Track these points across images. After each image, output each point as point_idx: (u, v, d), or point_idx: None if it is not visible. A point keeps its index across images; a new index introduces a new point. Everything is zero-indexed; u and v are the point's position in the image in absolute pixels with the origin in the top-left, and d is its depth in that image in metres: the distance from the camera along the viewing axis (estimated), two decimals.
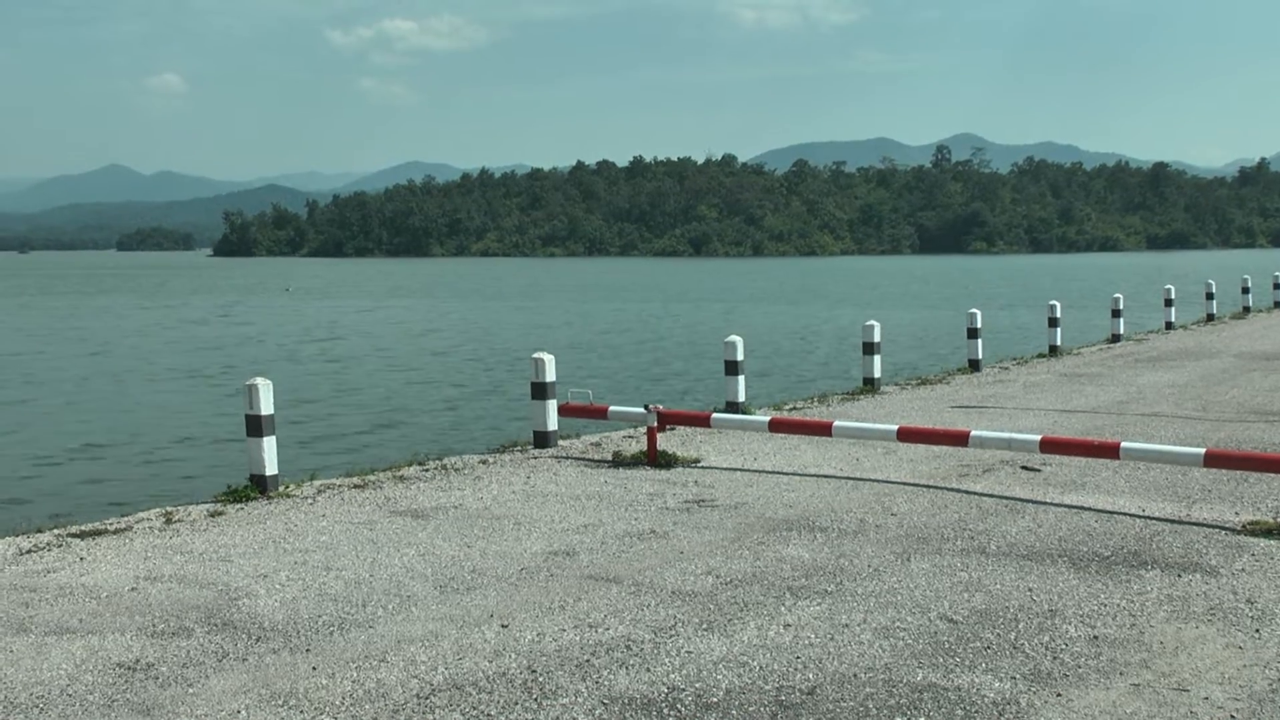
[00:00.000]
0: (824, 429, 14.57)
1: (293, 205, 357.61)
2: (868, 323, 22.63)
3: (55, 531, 11.75)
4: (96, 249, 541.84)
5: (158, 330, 63.60)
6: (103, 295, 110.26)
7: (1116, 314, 32.63)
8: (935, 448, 14.72)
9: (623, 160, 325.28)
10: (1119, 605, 8.57)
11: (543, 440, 15.93)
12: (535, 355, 16.19)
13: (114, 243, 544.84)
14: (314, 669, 7.46)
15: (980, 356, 25.20)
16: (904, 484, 13.12)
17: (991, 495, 12.44)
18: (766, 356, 42.75)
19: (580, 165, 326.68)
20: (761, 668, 7.40)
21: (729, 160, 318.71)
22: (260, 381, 13.20)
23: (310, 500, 12.78)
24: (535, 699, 6.91)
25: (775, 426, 14.98)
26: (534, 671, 7.35)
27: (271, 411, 13.16)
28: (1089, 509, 11.71)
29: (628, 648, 7.78)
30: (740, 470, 14.06)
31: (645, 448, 14.81)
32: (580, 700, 6.89)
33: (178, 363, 44.62)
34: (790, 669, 7.37)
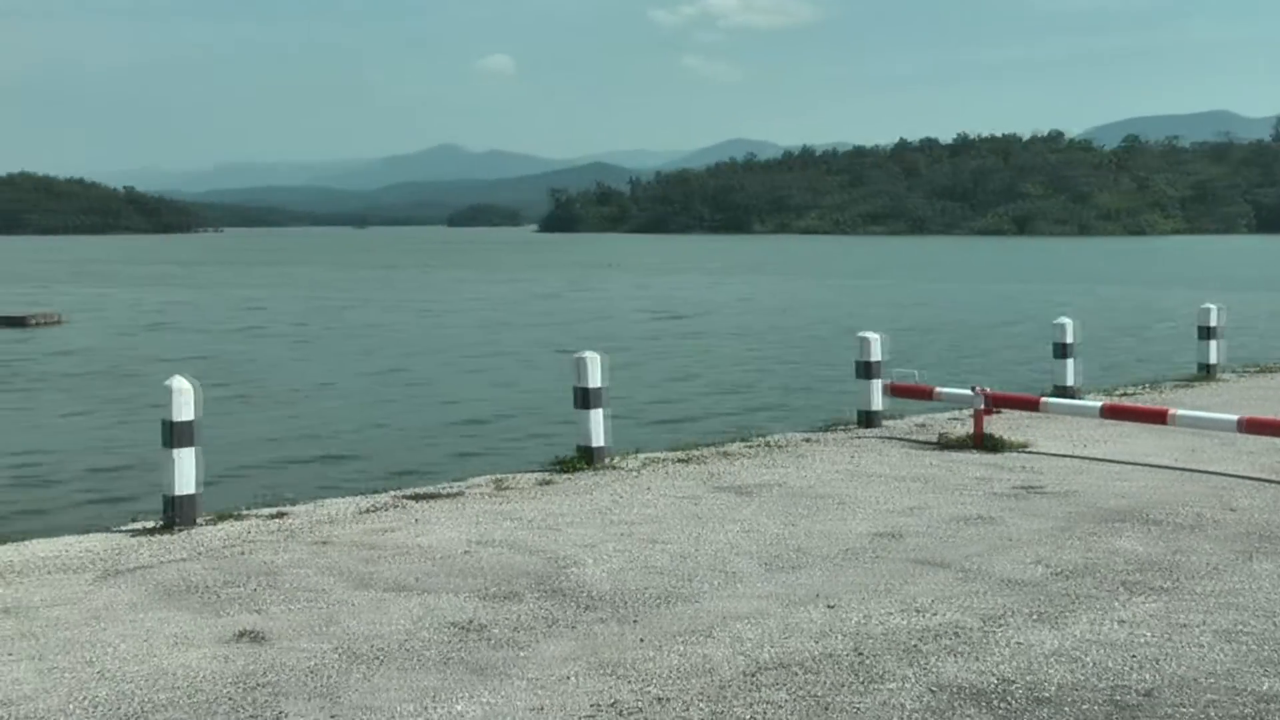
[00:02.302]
0: (1159, 417, 14.00)
1: (617, 182, 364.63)
2: (1204, 306, 21.53)
3: (393, 493, 12.27)
4: (428, 225, 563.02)
5: (501, 304, 65.75)
6: (444, 269, 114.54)
7: None
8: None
9: (946, 137, 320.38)
10: None
11: (867, 420, 15.78)
12: (861, 334, 16.04)
13: (445, 219, 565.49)
14: (641, 640, 7.55)
15: None
16: (1245, 478, 12.47)
17: None
18: (1093, 340, 41.39)
19: (903, 142, 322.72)
20: (1095, 664, 7.12)
21: (1055, 136, 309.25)
22: (589, 355, 13.45)
23: (636, 473, 12.98)
24: (862, 682, 6.83)
25: (1108, 413, 14.47)
26: (861, 654, 7.27)
27: (600, 384, 13.39)
28: None
29: (956, 635, 7.62)
30: (1070, 457, 13.63)
31: (972, 430, 14.52)
32: (908, 686, 6.78)
33: (518, 335, 46.04)
34: (1126, 668, 7.07)
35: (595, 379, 13.34)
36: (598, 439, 13.38)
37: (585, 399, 13.33)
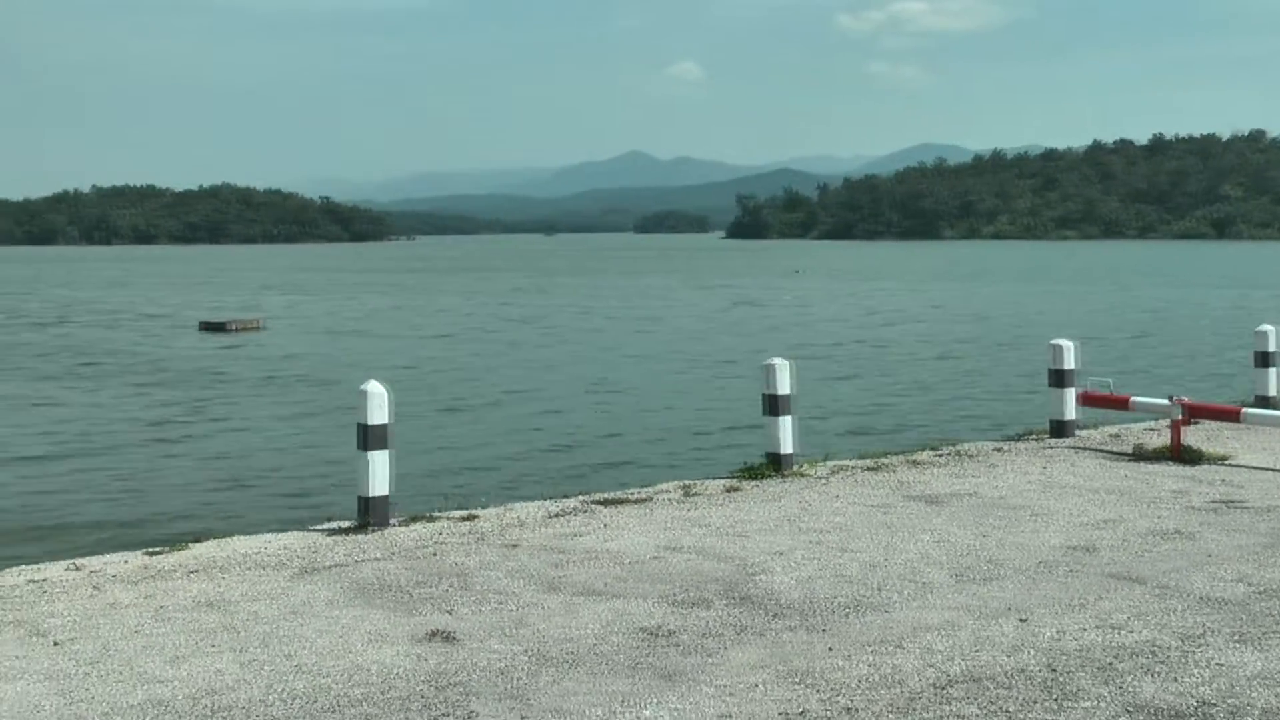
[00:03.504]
0: None
1: (804, 188, 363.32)
2: None
3: (581, 498, 12.39)
4: (616, 231, 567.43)
5: (694, 310, 66.02)
6: (636, 276, 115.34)
7: None
8: None
9: (1142, 138, 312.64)
10: None
11: (1060, 429, 15.45)
12: (1054, 341, 15.72)
13: (632, 225, 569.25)
14: (830, 649, 7.49)
15: None
16: None
17: None
18: None
19: (1097, 144, 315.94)
20: None
21: (1258, 135, 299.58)
22: (778, 361, 13.43)
23: (824, 480, 12.90)
24: (1055, 699, 6.67)
25: None
26: (1054, 670, 7.11)
27: (789, 391, 13.35)
28: None
29: (1153, 653, 7.39)
30: (1274, 470, 13.15)
31: (1168, 442, 14.11)
32: (1103, 705, 6.59)
33: (710, 342, 46.19)
34: None
35: (784, 386, 13.31)
36: (786, 446, 13.34)
37: (774, 406, 13.30)
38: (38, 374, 38.11)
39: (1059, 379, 15.46)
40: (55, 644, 7.80)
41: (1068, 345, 15.50)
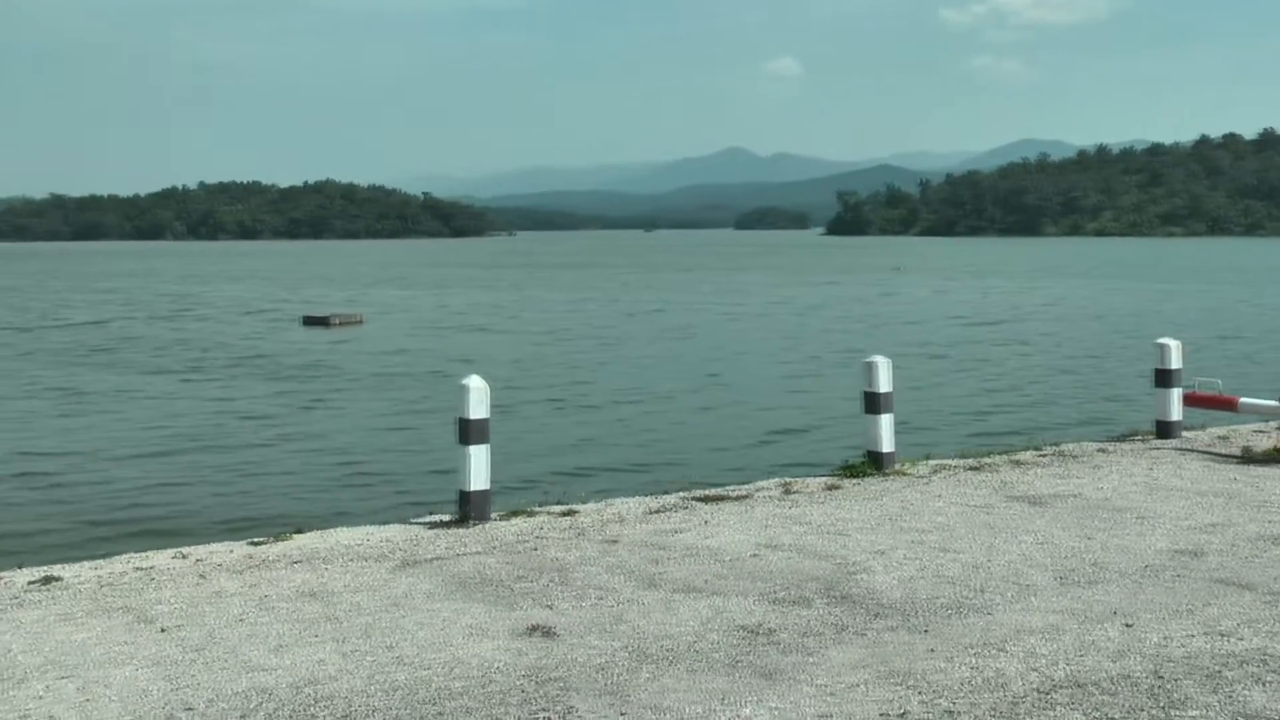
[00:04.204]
0: None
1: (904, 184, 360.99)
2: None
3: (680, 494, 12.37)
4: (715, 227, 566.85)
5: (799, 307, 65.86)
6: (739, 272, 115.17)
7: None
8: None
9: (1251, 132, 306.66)
10: None
11: (1165, 430, 15.19)
12: (1159, 341, 15.47)
13: (732, 221, 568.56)
14: (931, 651, 7.42)
15: None
16: None
17: None
18: None
19: (1204, 139, 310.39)
20: None
21: None
22: (879, 359, 13.33)
23: (925, 480, 12.79)
24: (1162, 707, 6.54)
25: None
26: (1160, 677, 6.98)
27: (889, 389, 13.25)
28: None
29: (1263, 662, 7.23)
30: None
31: (1278, 444, 13.82)
32: (1210, 715, 6.45)
33: (813, 339, 46.02)
34: None
35: (884, 383, 13.21)
36: (886, 444, 13.24)
37: (874, 404, 13.20)
38: (150, 368, 38.84)
39: (1164, 379, 15.21)
40: (162, 630, 7.93)
41: (1173, 344, 15.24)
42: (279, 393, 31.76)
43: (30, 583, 9.14)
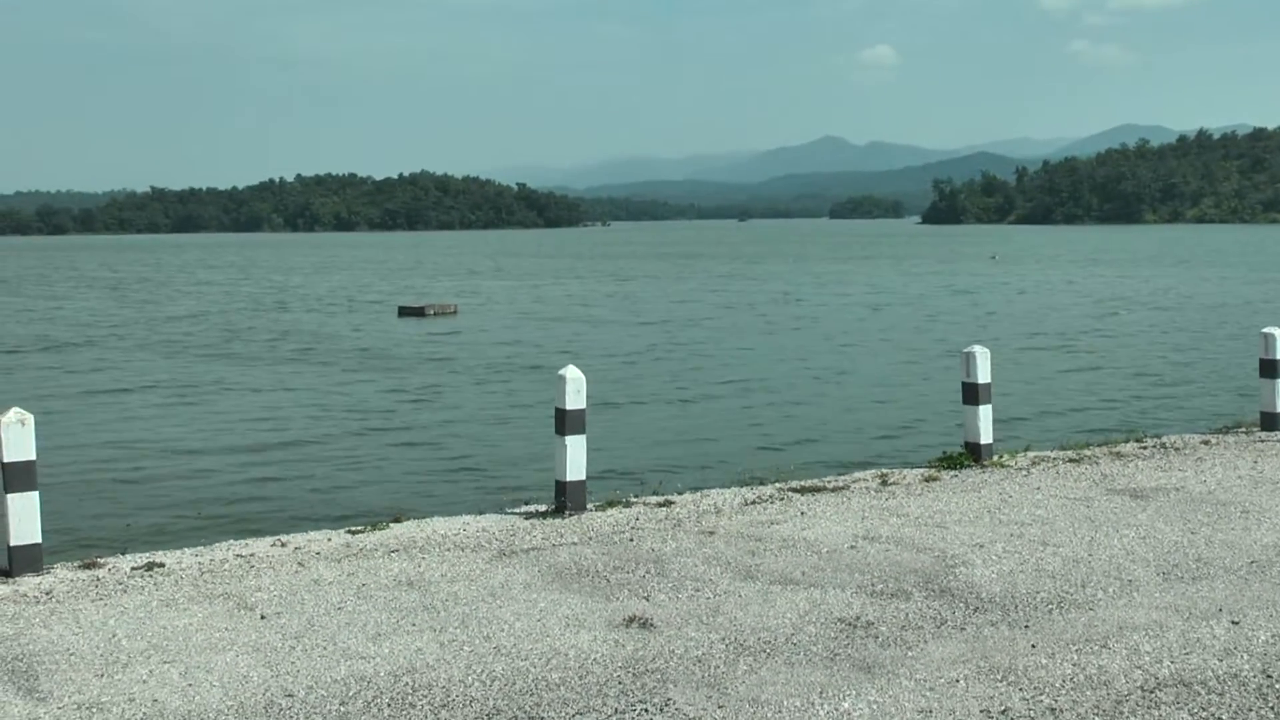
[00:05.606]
0: None
1: (1001, 172, 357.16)
2: None
3: (777, 485, 12.31)
4: (809, 217, 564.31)
5: (902, 296, 65.45)
6: (838, 261, 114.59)
7: None
8: None
9: None
10: None
11: (1271, 423, 14.91)
12: (1265, 330, 15.16)
13: (826, 211, 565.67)
14: (1033, 647, 7.32)
15: None
16: None
17: None
18: None
19: None
20: None
21: None
22: (978, 349, 13.20)
23: (1024, 471, 12.64)
24: (1271, 708, 6.40)
25: None
26: (1269, 676, 6.83)
27: (987, 380, 13.11)
28: None
29: None
30: None
31: None
32: None
33: (918, 331, 45.72)
34: None
35: (983, 374, 13.07)
36: (985, 435, 13.10)
37: (973, 394, 13.07)
38: (251, 359, 39.37)
39: (1270, 369, 14.91)
40: (262, 617, 8.03)
41: (1279, 334, 14.93)
42: (373, 383, 32.03)
43: (134, 569, 9.29)
